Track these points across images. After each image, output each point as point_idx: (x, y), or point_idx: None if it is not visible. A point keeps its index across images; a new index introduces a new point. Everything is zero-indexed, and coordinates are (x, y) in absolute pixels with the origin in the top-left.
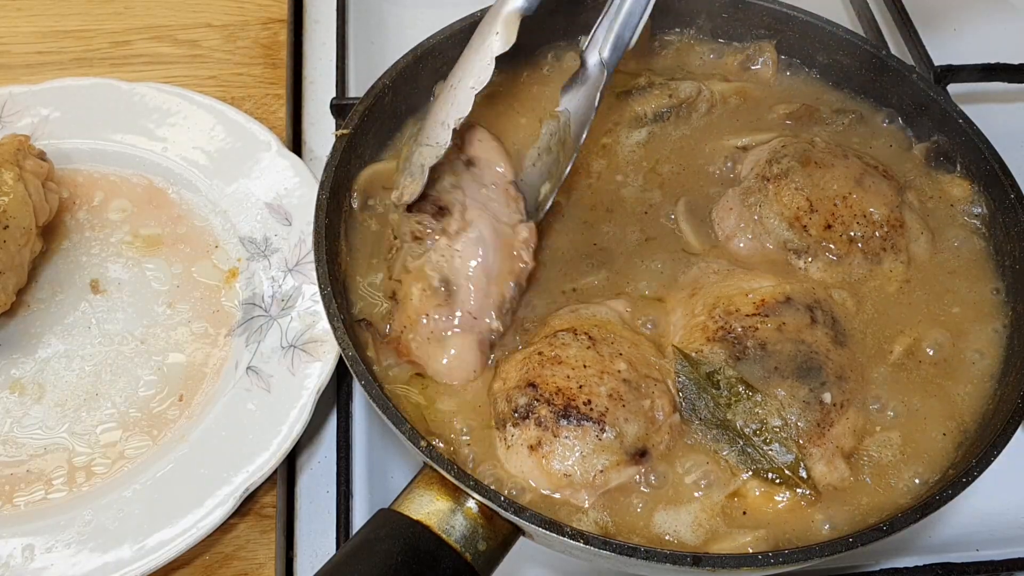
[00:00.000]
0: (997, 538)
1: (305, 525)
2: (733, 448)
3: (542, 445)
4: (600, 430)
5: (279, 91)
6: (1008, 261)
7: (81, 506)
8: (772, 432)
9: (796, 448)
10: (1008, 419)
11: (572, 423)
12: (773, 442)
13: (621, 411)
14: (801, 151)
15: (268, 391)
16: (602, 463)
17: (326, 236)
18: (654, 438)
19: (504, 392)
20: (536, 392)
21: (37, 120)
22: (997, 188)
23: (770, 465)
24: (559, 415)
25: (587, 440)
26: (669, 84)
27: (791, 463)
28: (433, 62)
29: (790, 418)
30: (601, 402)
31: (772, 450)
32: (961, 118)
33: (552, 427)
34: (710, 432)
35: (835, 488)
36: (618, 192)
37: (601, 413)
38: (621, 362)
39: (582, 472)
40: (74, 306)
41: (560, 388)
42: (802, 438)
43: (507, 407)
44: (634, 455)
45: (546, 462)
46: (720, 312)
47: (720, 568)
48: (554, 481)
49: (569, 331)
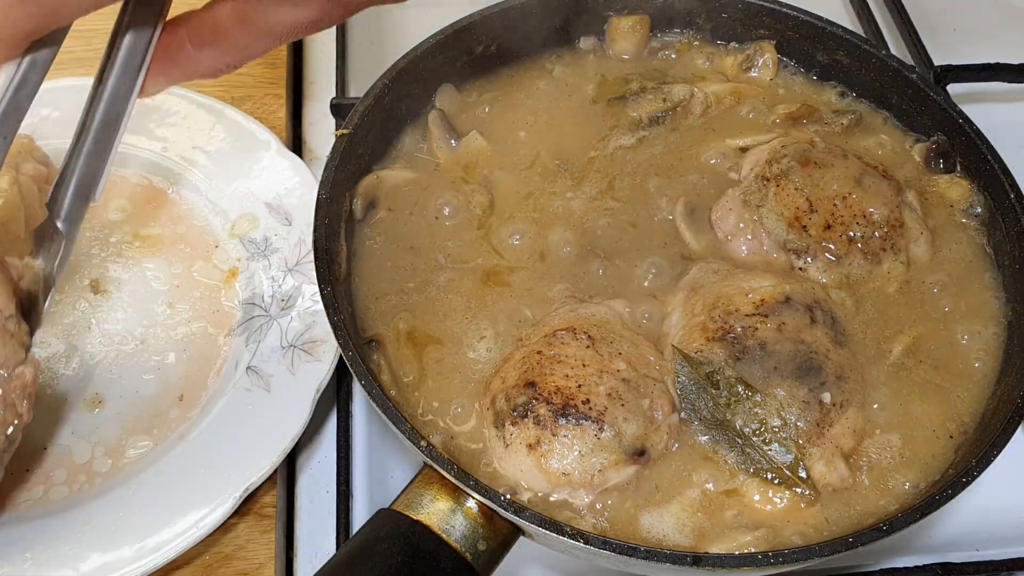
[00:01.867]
0: (997, 538)
1: (305, 525)
2: (733, 448)
3: (541, 444)
4: (599, 429)
5: (279, 91)
6: (1007, 261)
7: (81, 506)
8: (772, 432)
9: (796, 448)
10: (1008, 419)
11: (571, 422)
12: (772, 442)
13: (620, 410)
14: (801, 151)
15: (268, 391)
16: (600, 462)
17: (326, 236)
18: (653, 438)
19: (503, 391)
20: (535, 391)
21: (37, 120)
22: (997, 188)
23: (769, 465)
24: (558, 414)
25: (586, 439)
26: (662, 88)
27: (790, 463)
28: (433, 62)
29: (789, 418)
30: (600, 401)
31: (771, 450)
32: (961, 118)
33: (551, 426)
34: (709, 432)
35: (834, 488)
36: (617, 196)
37: (600, 412)
38: (620, 361)
39: (581, 471)
40: (74, 306)
41: (559, 387)
42: (801, 438)
43: (506, 406)
44: (633, 454)
45: (544, 461)
46: (720, 312)
47: (720, 568)
48: (552, 480)
49: (568, 330)
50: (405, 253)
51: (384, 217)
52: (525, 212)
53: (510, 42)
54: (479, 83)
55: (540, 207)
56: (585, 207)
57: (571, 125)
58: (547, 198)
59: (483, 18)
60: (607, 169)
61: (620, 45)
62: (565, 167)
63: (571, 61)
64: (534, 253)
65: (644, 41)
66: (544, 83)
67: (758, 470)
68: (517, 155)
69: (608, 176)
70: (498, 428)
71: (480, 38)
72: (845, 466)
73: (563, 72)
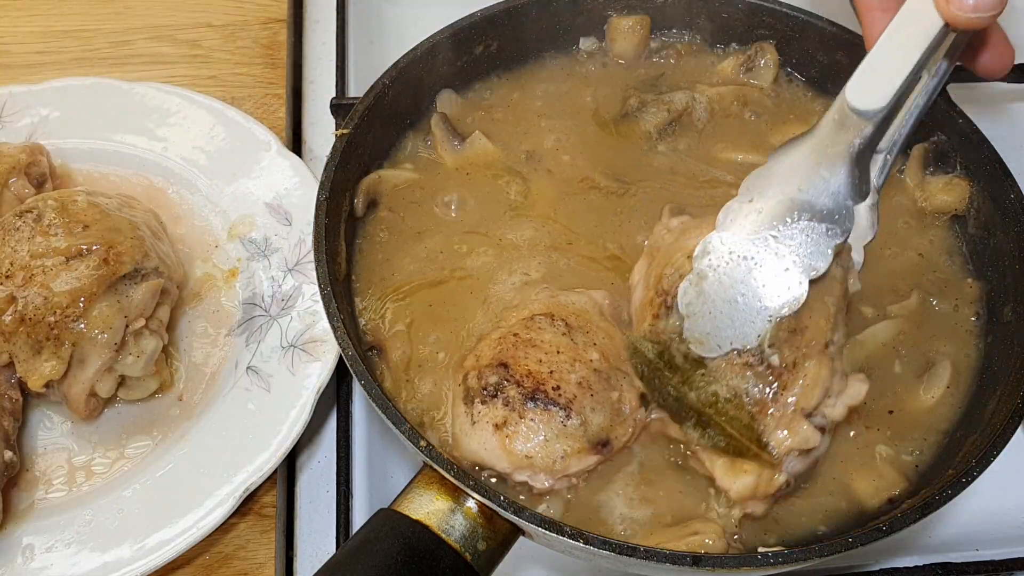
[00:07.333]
0: (997, 538)
1: (305, 525)
2: (696, 427)
3: (507, 425)
4: (566, 416)
5: (279, 91)
6: (1007, 261)
7: (81, 506)
8: (724, 403)
9: (749, 418)
10: (1008, 419)
11: (539, 406)
12: (726, 414)
13: (589, 400)
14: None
15: (268, 391)
16: (564, 449)
17: (326, 236)
18: (618, 430)
19: (476, 369)
20: (507, 372)
21: (37, 120)
22: (997, 188)
23: (728, 440)
24: (527, 397)
25: (552, 425)
26: (662, 98)
27: (748, 434)
28: (433, 62)
29: (741, 386)
30: (570, 389)
31: (727, 423)
32: (961, 118)
33: (519, 408)
34: (675, 413)
35: (799, 452)
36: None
37: (569, 400)
38: (594, 352)
39: (544, 456)
40: None
41: (531, 371)
42: (755, 407)
43: (477, 384)
44: (596, 444)
45: (509, 442)
46: (665, 283)
47: (720, 568)
48: (515, 461)
49: (547, 316)
50: (406, 252)
51: (385, 216)
52: (542, 211)
53: (510, 42)
54: (479, 84)
55: (555, 209)
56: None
57: (574, 131)
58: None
59: (483, 18)
60: (633, 175)
61: (620, 45)
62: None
63: (571, 63)
64: (543, 252)
65: (644, 41)
66: (545, 86)
67: (716, 445)
68: (522, 155)
69: (631, 184)
70: (467, 405)
71: (480, 38)
72: (808, 426)
73: (564, 74)
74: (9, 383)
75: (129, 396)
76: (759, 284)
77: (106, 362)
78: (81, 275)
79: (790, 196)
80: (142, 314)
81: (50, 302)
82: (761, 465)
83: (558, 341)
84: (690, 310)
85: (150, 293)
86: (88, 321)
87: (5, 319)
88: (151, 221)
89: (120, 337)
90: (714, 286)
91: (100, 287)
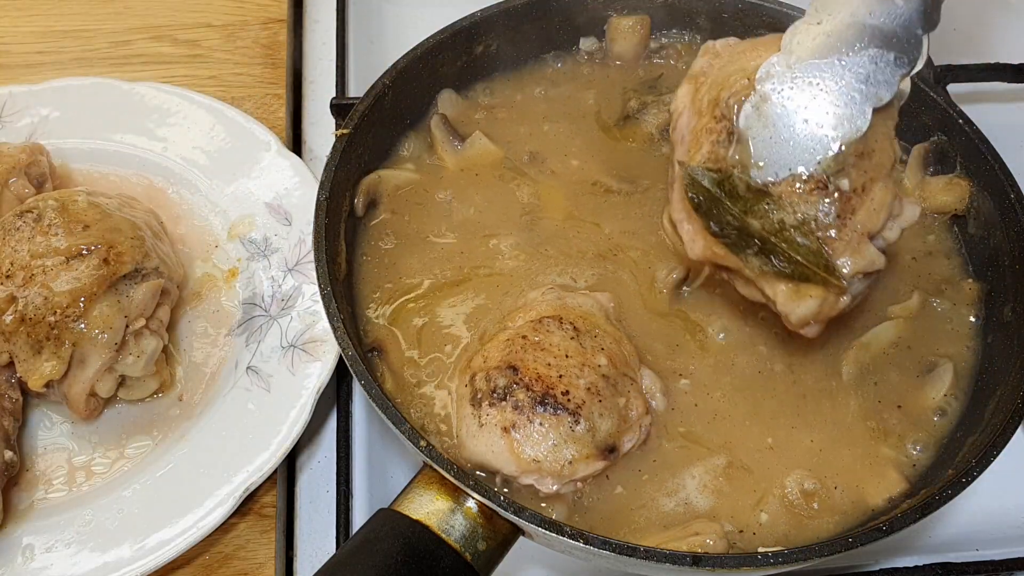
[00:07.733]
0: (997, 538)
1: (305, 525)
2: (758, 255)
3: (516, 428)
4: (574, 422)
5: (279, 91)
6: (1007, 261)
7: (81, 506)
8: (792, 230)
9: (816, 242)
10: (1008, 419)
11: (548, 411)
12: (793, 240)
13: (597, 406)
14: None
15: (268, 391)
16: (572, 454)
17: (326, 236)
18: (624, 436)
19: (484, 370)
20: (516, 375)
21: (37, 120)
22: (997, 188)
23: (793, 266)
24: (537, 401)
25: (561, 429)
26: (661, 99)
27: (814, 259)
28: (433, 62)
29: (808, 212)
30: (579, 394)
31: (793, 249)
32: (961, 118)
33: (528, 412)
34: (735, 243)
35: (864, 274)
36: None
37: (578, 405)
38: (602, 357)
39: (551, 460)
40: None
41: (540, 375)
42: (821, 231)
43: (486, 386)
44: (604, 450)
45: (518, 445)
46: (722, 108)
47: (720, 568)
48: (523, 465)
49: (555, 319)
50: (406, 252)
51: (386, 216)
52: (558, 212)
53: (510, 42)
54: (480, 84)
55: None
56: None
57: (576, 132)
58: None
59: (483, 18)
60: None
61: (620, 45)
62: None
63: (571, 64)
64: (547, 251)
65: (644, 41)
66: (546, 86)
67: (780, 272)
68: (525, 156)
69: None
70: (474, 407)
71: (480, 38)
72: (874, 249)
73: (564, 75)
74: (9, 383)
75: (129, 396)
76: (823, 110)
77: (106, 362)
78: (81, 275)
79: (861, 20)
80: (142, 314)
81: (50, 302)
82: (827, 289)
83: (567, 345)
84: (751, 133)
85: (150, 293)
86: (88, 321)
87: (5, 319)
88: (151, 221)
89: (120, 337)
90: (777, 109)
91: (100, 287)
